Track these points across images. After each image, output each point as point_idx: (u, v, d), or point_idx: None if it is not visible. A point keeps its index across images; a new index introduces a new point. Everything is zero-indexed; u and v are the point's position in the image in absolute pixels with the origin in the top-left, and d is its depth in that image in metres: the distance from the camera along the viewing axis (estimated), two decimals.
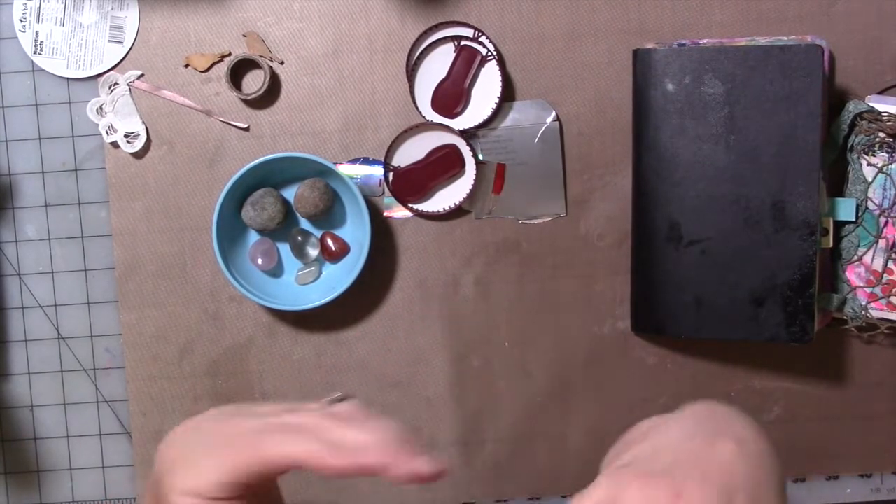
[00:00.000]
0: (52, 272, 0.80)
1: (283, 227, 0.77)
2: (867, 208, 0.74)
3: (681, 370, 0.80)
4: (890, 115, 0.73)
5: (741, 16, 0.77)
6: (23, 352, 0.81)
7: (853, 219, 0.74)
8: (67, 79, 0.79)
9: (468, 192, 0.78)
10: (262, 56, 0.78)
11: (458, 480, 0.80)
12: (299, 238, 0.78)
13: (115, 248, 0.79)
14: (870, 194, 0.74)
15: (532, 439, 0.80)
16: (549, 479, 0.80)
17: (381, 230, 0.79)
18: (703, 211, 0.73)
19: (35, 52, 0.78)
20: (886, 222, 0.74)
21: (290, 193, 0.78)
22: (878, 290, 0.74)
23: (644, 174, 0.74)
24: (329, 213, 0.77)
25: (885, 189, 0.73)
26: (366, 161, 0.79)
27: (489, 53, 0.77)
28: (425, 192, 0.79)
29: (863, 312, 0.74)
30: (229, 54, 0.78)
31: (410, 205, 0.79)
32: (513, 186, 0.79)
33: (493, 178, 0.79)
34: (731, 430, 0.46)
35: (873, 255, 0.74)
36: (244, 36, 0.79)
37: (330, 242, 0.78)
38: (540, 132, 0.78)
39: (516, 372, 0.80)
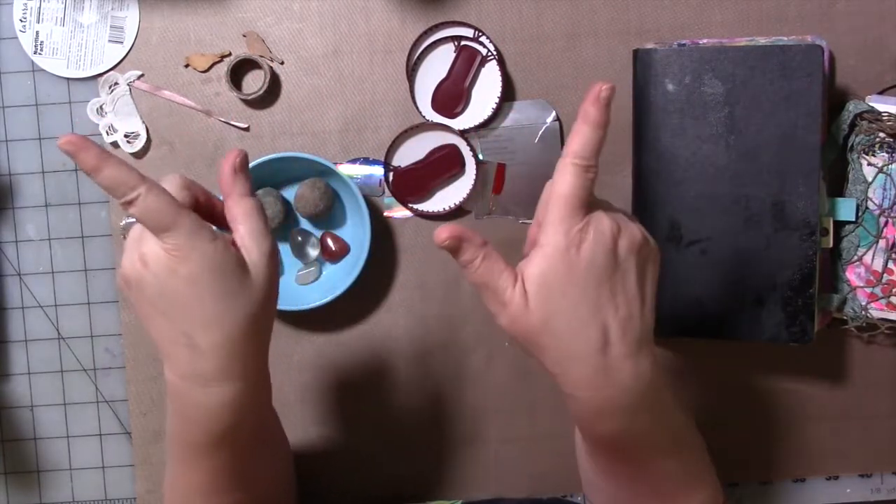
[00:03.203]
0: (52, 272, 0.80)
1: (283, 227, 0.77)
2: (867, 208, 0.74)
3: (681, 370, 0.80)
4: (890, 115, 0.73)
5: (741, 16, 0.77)
6: (23, 352, 0.81)
7: (853, 219, 0.74)
8: (67, 79, 0.79)
9: (468, 192, 0.78)
10: (262, 56, 0.78)
11: (460, 480, 0.80)
12: (299, 238, 0.78)
13: (115, 248, 0.79)
14: (870, 194, 0.74)
15: (532, 439, 0.80)
16: (550, 479, 0.80)
17: (381, 230, 0.79)
18: (703, 211, 0.73)
19: (35, 52, 0.78)
20: (886, 222, 0.74)
21: (290, 193, 0.78)
22: (878, 290, 0.74)
23: (644, 174, 0.74)
24: (329, 213, 0.77)
25: (885, 189, 0.73)
26: (366, 161, 0.79)
27: (489, 53, 0.77)
28: (425, 192, 0.79)
29: (863, 312, 0.74)
30: (229, 54, 0.78)
31: (410, 205, 0.79)
32: (513, 186, 0.79)
33: (493, 178, 0.78)
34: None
35: (873, 255, 0.74)
36: (244, 36, 0.79)
37: (330, 242, 0.78)
38: (540, 132, 0.78)
39: (516, 372, 0.80)
